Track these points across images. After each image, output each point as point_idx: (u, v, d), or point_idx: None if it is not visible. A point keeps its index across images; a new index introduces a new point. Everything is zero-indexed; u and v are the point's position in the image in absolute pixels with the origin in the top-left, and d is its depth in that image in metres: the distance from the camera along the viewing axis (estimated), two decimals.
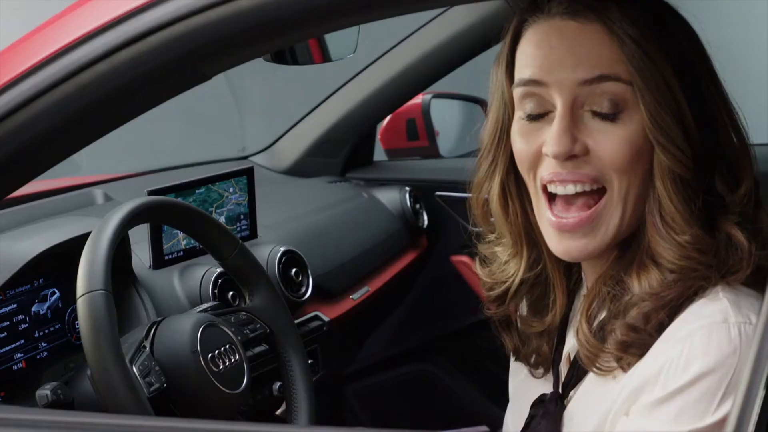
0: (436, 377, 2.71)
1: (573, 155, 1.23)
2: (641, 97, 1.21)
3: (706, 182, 1.23)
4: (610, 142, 1.22)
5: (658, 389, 1.17)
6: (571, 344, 1.35)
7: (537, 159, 1.27)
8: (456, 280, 2.61)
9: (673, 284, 1.21)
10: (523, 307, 1.43)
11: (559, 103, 1.23)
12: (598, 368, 1.25)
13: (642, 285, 1.22)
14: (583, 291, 1.37)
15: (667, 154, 1.21)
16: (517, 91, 1.28)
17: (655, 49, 1.22)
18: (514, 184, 1.34)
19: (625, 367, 1.23)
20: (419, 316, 2.70)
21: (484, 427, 2.16)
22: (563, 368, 1.37)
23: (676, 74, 1.22)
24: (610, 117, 1.22)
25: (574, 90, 1.23)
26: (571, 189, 1.24)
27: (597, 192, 1.25)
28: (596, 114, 1.23)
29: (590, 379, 1.30)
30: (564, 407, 1.33)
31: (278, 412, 1.88)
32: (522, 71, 1.27)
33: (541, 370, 1.42)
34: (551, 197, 1.27)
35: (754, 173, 1.27)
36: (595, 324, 1.27)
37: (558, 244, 1.27)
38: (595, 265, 1.31)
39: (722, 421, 1.12)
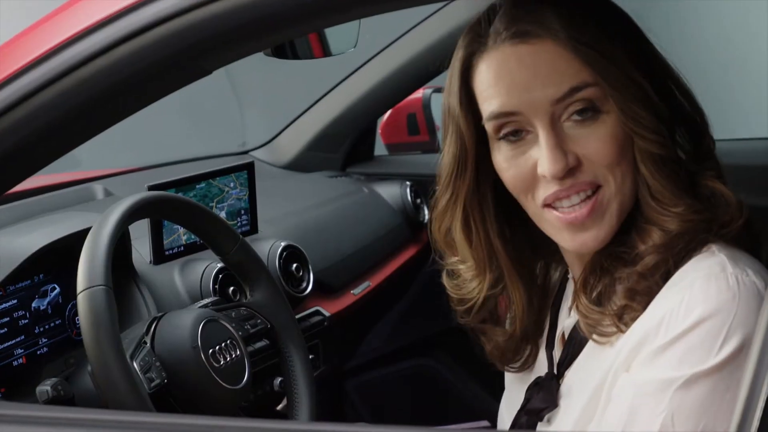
0: (436, 372, 2.71)
1: (569, 169, 1.25)
2: (611, 96, 1.24)
3: (688, 159, 1.28)
4: (596, 143, 1.25)
5: (659, 338, 1.19)
6: (564, 324, 1.38)
7: (532, 181, 1.28)
8: None
9: (677, 238, 1.24)
10: (491, 319, 1.46)
11: (540, 126, 1.25)
12: (599, 334, 1.27)
13: (647, 243, 1.26)
14: (560, 271, 1.42)
15: (644, 140, 1.25)
16: (489, 125, 1.28)
17: (608, 46, 1.24)
18: (478, 211, 1.36)
19: (624, 327, 1.25)
20: (420, 310, 2.70)
21: (485, 422, 2.16)
22: (557, 351, 1.39)
23: (631, 61, 1.25)
24: (590, 121, 1.24)
25: (549, 109, 1.24)
26: (575, 199, 1.26)
27: (597, 192, 1.27)
28: (576, 122, 1.25)
29: (586, 353, 1.32)
30: (559, 384, 1.36)
31: (279, 407, 1.88)
32: (490, 104, 1.27)
33: (517, 365, 1.46)
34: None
35: (710, 130, 1.32)
36: (594, 294, 1.29)
37: (573, 240, 1.29)
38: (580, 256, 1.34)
39: (724, 363, 1.15)
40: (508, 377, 1.53)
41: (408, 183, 2.59)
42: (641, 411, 1.17)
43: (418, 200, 2.59)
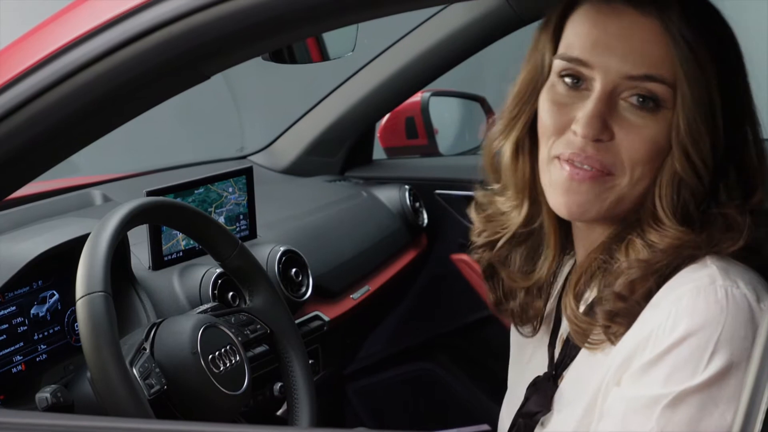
0: (436, 376, 2.71)
1: (598, 139, 1.24)
2: (682, 102, 1.22)
3: (714, 190, 1.25)
4: (636, 136, 1.24)
5: (647, 353, 1.18)
6: (565, 326, 1.37)
7: (562, 132, 1.28)
8: (456, 278, 2.60)
9: (662, 254, 1.23)
10: (511, 262, 1.44)
11: (599, 86, 1.24)
12: (589, 343, 1.27)
13: (629, 257, 1.25)
14: (572, 263, 1.40)
15: (687, 162, 1.23)
16: (558, 63, 1.28)
17: (705, 56, 1.23)
18: (529, 143, 1.35)
19: (613, 338, 1.24)
20: (419, 314, 2.70)
21: (485, 426, 2.16)
22: (557, 350, 1.39)
23: (718, 84, 1.23)
24: (645, 111, 1.24)
25: (616, 80, 1.24)
26: (586, 168, 1.26)
27: (607, 175, 1.27)
28: (632, 105, 1.24)
29: (581, 357, 1.32)
30: (557, 386, 1.35)
31: (279, 412, 1.88)
32: (570, 47, 1.27)
33: (528, 328, 1.44)
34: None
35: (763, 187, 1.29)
36: (584, 301, 1.29)
37: (561, 197, 1.28)
38: (589, 237, 1.34)
39: (712, 379, 1.14)
40: (511, 375, 1.52)
41: (407, 187, 2.58)
42: (631, 427, 1.17)
43: (417, 204, 2.59)
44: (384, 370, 2.70)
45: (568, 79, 1.27)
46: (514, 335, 1.50)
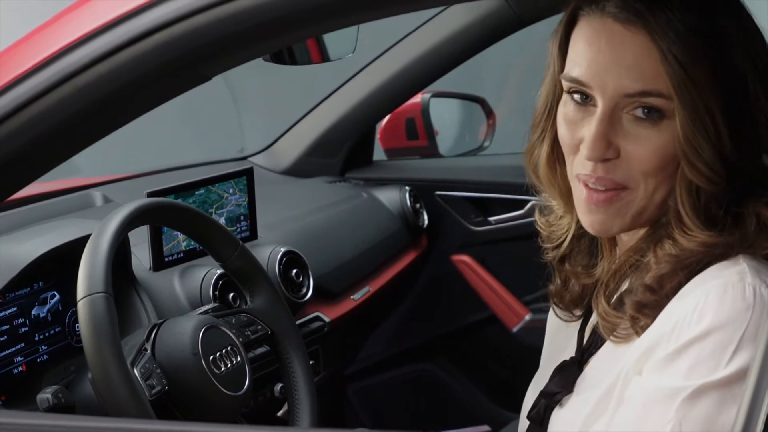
0: (437, 377, 2.71)
1: (605, 159, 1.25)
2: (678, 115, 1.22)
3: (737, 187, 1.24)
4: (642, 148, 1.24)
5: (671, 344, 1.18)
6: (595, 315, 1.38)
7: (576, 148, 1.29)
8: (456, 279, 2.61)
9: (692, 252, 1.23)
10: (574, 260, 1.45)
11: (600, 106, 1.25)
12: (615, 336, 1.28)
13: (657, 254, 1.26)
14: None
15: (694, 171, 1.23)
16: (564, 82, 1.30)
17: (698, 68, 1.21)
18: (560, 153, 1.36)
19: (640, 331, 1.25)
20: (420, 315, 2.70)
21: (486, 427, 2.16)
22: (586, 336, 1.40)
23: (719, 90, 1.22)
24: (649, 122, 1.24)
25: (615, 98, 1.24)
26: (601, 189, 1.27)
27: (623, 190, 1.28)
28: (635, 118, 1.24)
29: (607, 345, 1.33)
30: (581, 371, 1.36)
31: (280, 413, 1.88)
32: (571, 66, 1.28)
33: (570, 315, 1.45)
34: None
35: None
36: (615, 297, 1.30)
37: (586, 217, 1.31)
38: (622, 240, 1.35)
39: (733, 376, 1.14)
40: (543, 358, 1.53)
41: (407, 188, 2.59)
42: (651, 417, 1.17)
43: (417, 205, 2.59)
44: (384, 371, 2.70)
45: (576, 96, 1.28)
46: (551, 320, 1.52)
